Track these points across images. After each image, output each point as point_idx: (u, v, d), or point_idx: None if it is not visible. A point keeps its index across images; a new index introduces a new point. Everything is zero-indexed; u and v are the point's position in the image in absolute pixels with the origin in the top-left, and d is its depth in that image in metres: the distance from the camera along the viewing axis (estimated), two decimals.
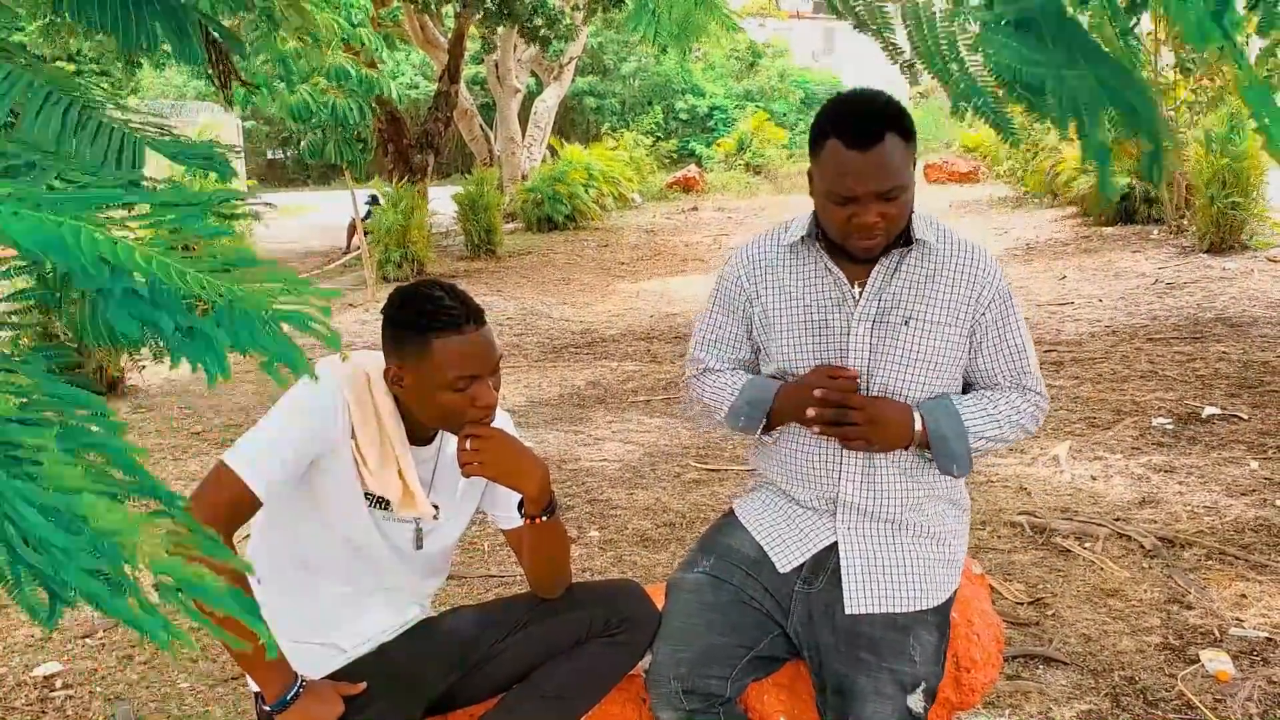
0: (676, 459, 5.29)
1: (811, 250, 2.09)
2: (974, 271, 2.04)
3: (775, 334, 2.11)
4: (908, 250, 2.03)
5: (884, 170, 1.87)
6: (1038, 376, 2.11)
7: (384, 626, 2.02)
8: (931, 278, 2.03)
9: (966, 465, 2.04)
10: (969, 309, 2.03)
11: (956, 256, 2.05)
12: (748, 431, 2.14)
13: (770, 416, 2.09)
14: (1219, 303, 8.07)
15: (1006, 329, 2.06)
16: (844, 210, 1.91)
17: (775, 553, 2.09)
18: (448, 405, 1.84)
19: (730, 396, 2.14)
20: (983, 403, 2.05)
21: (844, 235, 1.96)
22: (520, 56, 19.44)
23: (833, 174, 1.91)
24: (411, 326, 1.84)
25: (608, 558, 4.05)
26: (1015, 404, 2.07)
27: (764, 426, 2.11)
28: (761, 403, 2.09)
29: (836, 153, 1.89)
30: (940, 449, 2.00)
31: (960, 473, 2.05)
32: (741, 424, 2.13)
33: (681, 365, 7.47)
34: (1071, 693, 2.91)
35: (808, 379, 2.02)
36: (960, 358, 2.06)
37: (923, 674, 1.94)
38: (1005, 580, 3.63)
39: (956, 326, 2.03)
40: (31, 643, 3.52)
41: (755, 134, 24.99)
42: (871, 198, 1.89)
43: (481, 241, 14.39)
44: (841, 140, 1.88)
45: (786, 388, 2.07)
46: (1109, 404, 5.74)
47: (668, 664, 1.97)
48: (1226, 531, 3.95)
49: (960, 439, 2.01)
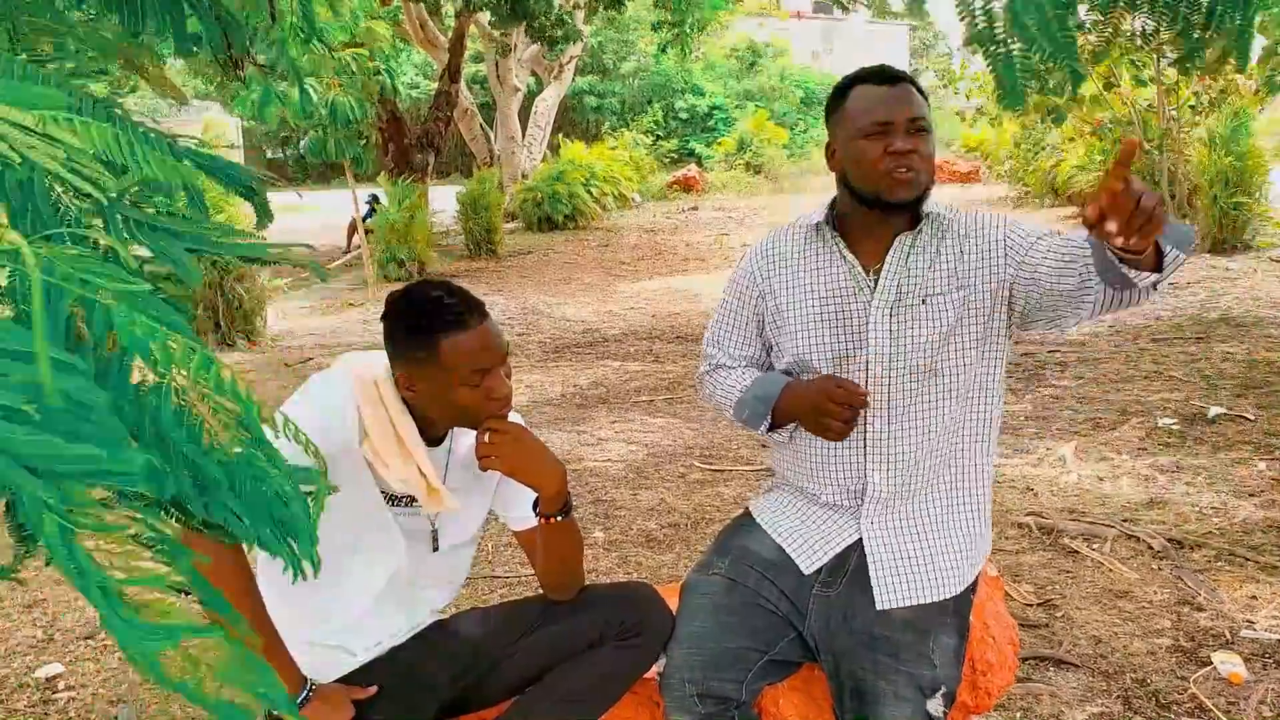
0: (680, 459, 5.27)
1: (826, 239, 2.08)
2: (975, 229, 2.02)
3: (789, 327, 2.09)
4: (919, 230, 2.03)
5: (911, 100, 1.94)
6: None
7: (395, 629, 2.00)
8: (940, 249, 2.02)
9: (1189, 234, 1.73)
10: (982, 265, 1.99)
11: (959, 222, 2.03)
12: (752, 426, 2.12)
13: (775, 413, 2.07)
14: (1223, 302, 8.05)
15: (1029, 244, 1.96)
16: (879, 144, 1.92)
17: (797, 554, 2.06)
18: (464, 403, 1.82)
19: (738, 392, 2.13)
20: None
21: (882, 173, 1.93)
22: (521, 56, 19.43)
23: (863, 109, 1.96)
24: (416, 331, 1.81)
25: (613, 559, 4.02)
26: None
27: (770, 424, 2.10)
28: (767, 398, 2.07)
29: (865, 92, 1.97)
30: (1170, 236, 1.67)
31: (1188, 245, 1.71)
32: (746, 417, 2.12)
33: (684, 365, 7.46)
34: (1083, 695, 2.89)
35: (814, 385, 1.98)
36: (991, 317, 2.01)
37: (942, 677, 1.92)
38: (1014, 582, 3.60)
39: (969, 290, 2.00)
40: (34, 644, 3.49)
41: (756, 133, 25.00)
42: (904, 124, 1.92)
43: (482, 241, 14.39)
44: (869, 82, 1.97)
45: (793, 387, 2.04)
46: (1114, 404, 5.72)
47: (682, 667, 1.95)
48: (1235, 532, 3.93)
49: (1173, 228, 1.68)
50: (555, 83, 21.06)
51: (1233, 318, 7.55)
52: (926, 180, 1.96)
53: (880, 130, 1.92)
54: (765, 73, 30.85)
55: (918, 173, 1.93)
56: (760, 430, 2.12)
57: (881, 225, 2.03)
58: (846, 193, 2.04)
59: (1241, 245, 9.85)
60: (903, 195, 1.94)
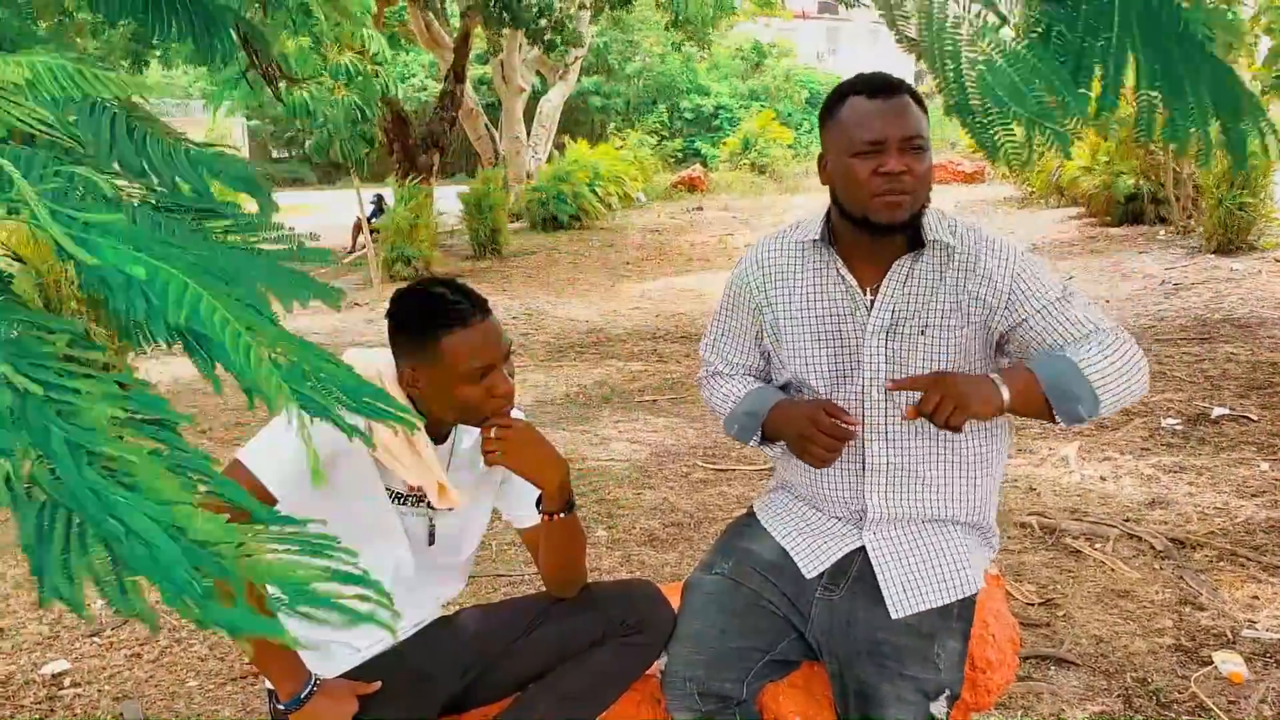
0: (684, 459, 5.28)
1: (824, 255, 2.02)
2: (981, 266, 1.93)
3: (787, 344, 2.06)
4: (920, 253, 1.96)
5: (907, 116, 1.83)
6: (1097, 317, 1.92)
7: (400, 626, 2.01)
8: (942, 280, 1.94)
9: (1093, 405, 1.83)
10: (979, 306, 1.93)
11: (965, 253, 1.94)
12: (742, 441, 2.12)
13: (765, 429, 2.06)
14: (1227, 303, 8.04)
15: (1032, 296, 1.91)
16: (869, 163, 1.83)
17: (800, 557, 2.06)
18: (467, 399, 1.84)
19: (731, 404, 2.13)
20: (1087, 347, 1.86)
21: (870, 194, 1.84)
22: (525, 56, 19.44)
23: (855, 125, 1.86)
24: (419, 328, 1.84)
25: (615, 557, 4.04)
26: (1106, 342, 1.87)
27: (761, 438, 2.09)
28: (757, 415, 2.05)
29: (857, 105, 1.87)
30: (1059, 392, 1.81)
31: (1089, 414, 1.83)
32: (735, 432, 2.11)
33: (688, 365, 7.46)
34: (1083, 694, 2.90)
35: (804, 410, 1.95)
36: (986, 357, 1.99)
37: (946, 681, 1.91)
38: (1016, 581, 3.61)
39: (969, 327, 1.95)
40: (40, 641, 3.51)
41: (760, 133, 24.99)
42: (896, 143, 1.82)
43: (487, 241, 14.40)
44: (862, 94, 1.87)
45: (783, 407, 2.02)
46: None
47: (684, 665, 1.96)
48: (1238, 533, 3.93)
49: (1077, 378, 1.81)
50: (560, 83, 21.08)
51: (1237, 318, 7.55)
52: (920, 201, 1.87)
53: (872, 149, 1.83)
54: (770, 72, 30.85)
55: (910, 195, 1.84)
56: (751, 444, 2.12)
57: (877, 245, 1.94)
58: (837, 209, 1.97)
59: (1246, 246, 9.83)
60: (891, 218, 1.86)
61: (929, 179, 1.88)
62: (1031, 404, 1.83)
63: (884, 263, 1.97)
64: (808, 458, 1.94)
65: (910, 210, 1.86)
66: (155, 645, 3.45)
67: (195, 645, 3.44)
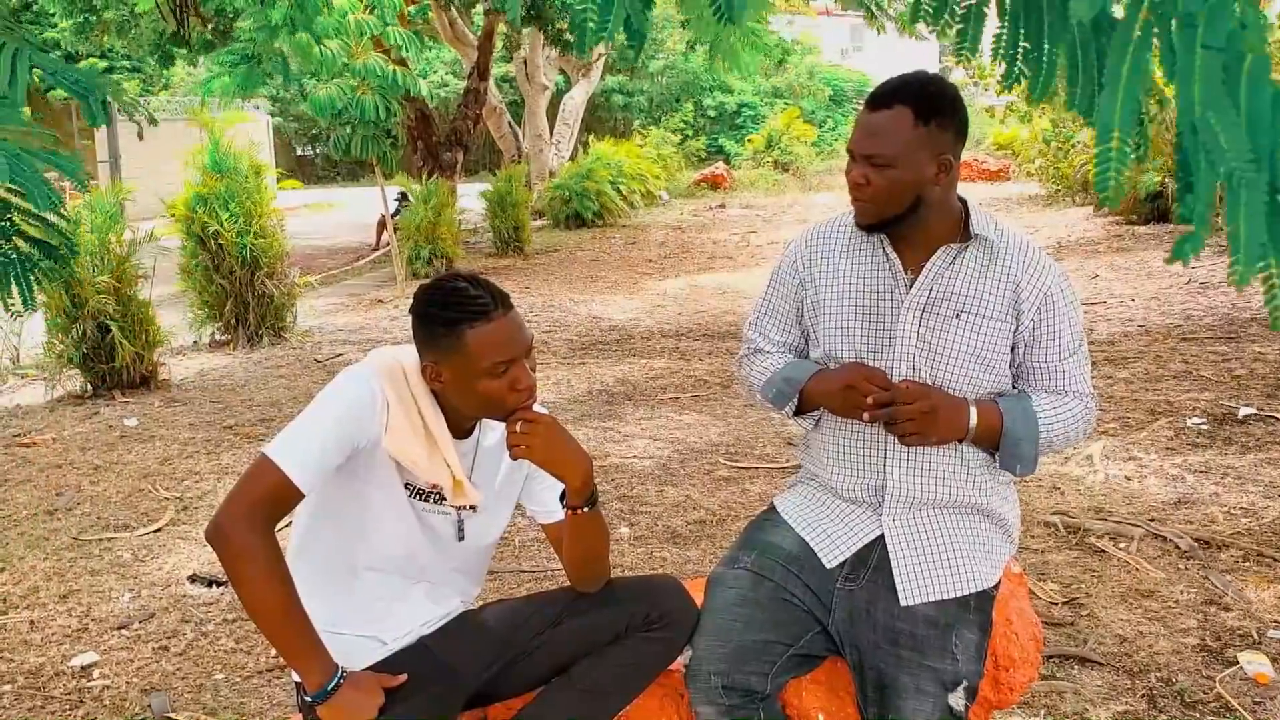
0: (706, 456, 5.29)
1: (873, 236, 2.10)
2: (1021, 268, 2.03)
3: (824, 317, 2.12)
4: (966, 245, 2.04)
5: (872, 134, 1.95)
6: (1085, 380, 2.11)
7: (425, 619, 2.03)
8: (985, 272, 2.03)
9: (1031, 467, 2.06)
10: (1012, 306, 2.03)
11: (1010, 253, 2.05)
12: (779, 406, 2.15)
13: (802, 397, 2.10)
14: (1254, 302, 7.97)
15: (1049, 330, 2.05)
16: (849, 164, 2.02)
17: (820, 548, 2.08)
18: (489, 393, 1.85)
19: (769, 374, 2.17)
20: (1058, 408, 2.05)
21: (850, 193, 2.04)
22: (549, 54, 19.47)
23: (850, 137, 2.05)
24: (442, 322, 1.85)
25: (638, 554, 4.05)
26: (1075, 411, 2.07)
27: (797, 408, 2.13)
28: (796, 380, 2.11)
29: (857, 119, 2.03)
30: (1010, 449, 2.02)
31: (1023, 472, 2.07)
32: (773, 396, 2.16)
33: (711, 363, 7.46)
34: (1107, 693, 2.89)
35: (841, 373, 2.02)
36: (1006, 351, 2.06)
37: (964, 672, 1.93)
38: (1040, 580, 3.60)
39: (1003, 322, 2.03)
40: (69, 634, 3.56)
41: (784, 131, 24.94)
42: (857, 155, 1.98)
43: (510, 238, 14.41)
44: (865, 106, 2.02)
45: (821, 373, 2.08)
46: (1143, 404, 5.69)
47: (707, 659, 1.97)
48: (1264, 533, 3.90)
49: (1032, 442, 2.02)
50: (584, 81, 21.10)
51: (1264, 317, 7.48)
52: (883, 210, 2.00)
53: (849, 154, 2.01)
54: (794, 70, 30.73)
55: (869, 203, 1.99)
56: (786, 412, 2.15)
57: (921, 233, 2.04)
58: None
59: None
60: (859, 216, 2.05)
61: (893, 189, 1.97)
62: (985, 444, 2.05)
63: (930, 249, 2.05)
64: (850, 408, 1.99)
65: (874, 216, 2.02)
66: (182, 638, 3.49)
67: (222, 639, 3.47)
